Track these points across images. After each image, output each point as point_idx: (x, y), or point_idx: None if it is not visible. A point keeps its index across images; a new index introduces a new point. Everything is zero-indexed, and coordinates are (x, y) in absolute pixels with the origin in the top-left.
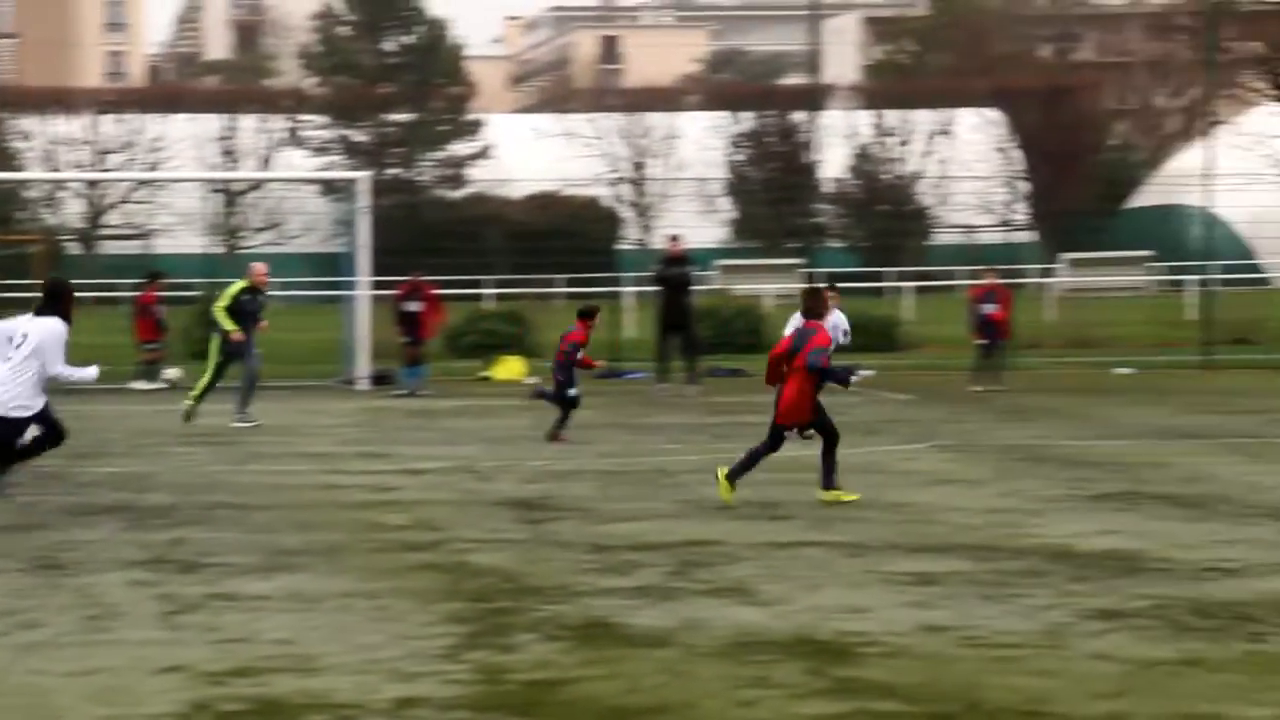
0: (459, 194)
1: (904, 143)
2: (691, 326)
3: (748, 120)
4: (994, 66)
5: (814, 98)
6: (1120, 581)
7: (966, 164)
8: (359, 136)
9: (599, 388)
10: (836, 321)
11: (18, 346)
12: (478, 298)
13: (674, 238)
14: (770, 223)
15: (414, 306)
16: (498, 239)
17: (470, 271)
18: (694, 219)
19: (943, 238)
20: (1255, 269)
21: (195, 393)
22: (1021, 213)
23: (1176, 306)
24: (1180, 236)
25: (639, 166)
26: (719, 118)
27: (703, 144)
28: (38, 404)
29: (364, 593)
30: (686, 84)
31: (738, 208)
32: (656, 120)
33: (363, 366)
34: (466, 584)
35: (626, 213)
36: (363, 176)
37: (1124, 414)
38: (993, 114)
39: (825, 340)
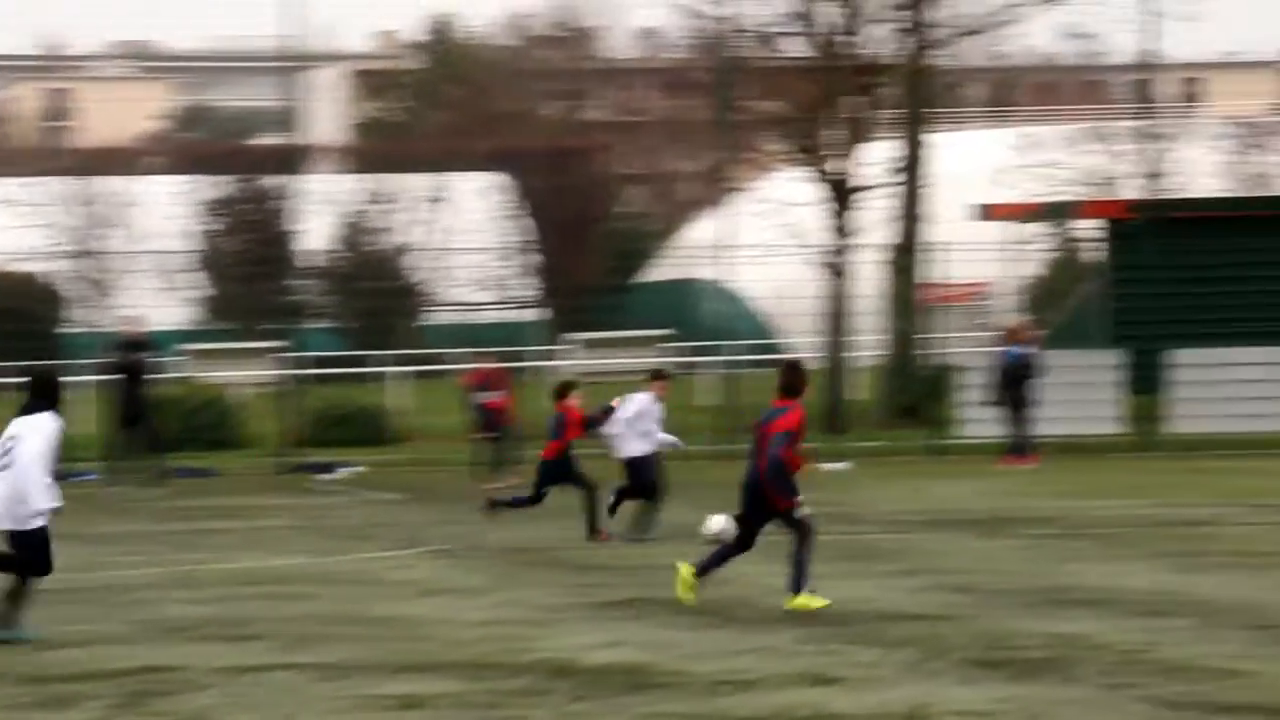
0: None
1: (396, 210)
2: (150, 419)
3: (220, 185)
4: (496, 126)
5: (294, 159)
6: (627, 699)
7: (467, 234)
8: None
9: None
10: (645, 409)
11: (7, 452)
12: None
13: (132, 319)
14: (245, 301)
15: None
16: None
17: None
18: (156, 297)
19: (440, 316)
20: (775, 349)
21: None
22: (528, 288)
23: (690, 390)
24: (697, 313)
25: (91, 237)
26: (186, 182)
27: (167, 212)
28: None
29: None
30: (148, 143)
31: (208, 284)
32: (113, 184)
33: None
34: None
35: (75, 290)
36: None
37: (635, 511)
38: (496, 178)
39: (794, 421)
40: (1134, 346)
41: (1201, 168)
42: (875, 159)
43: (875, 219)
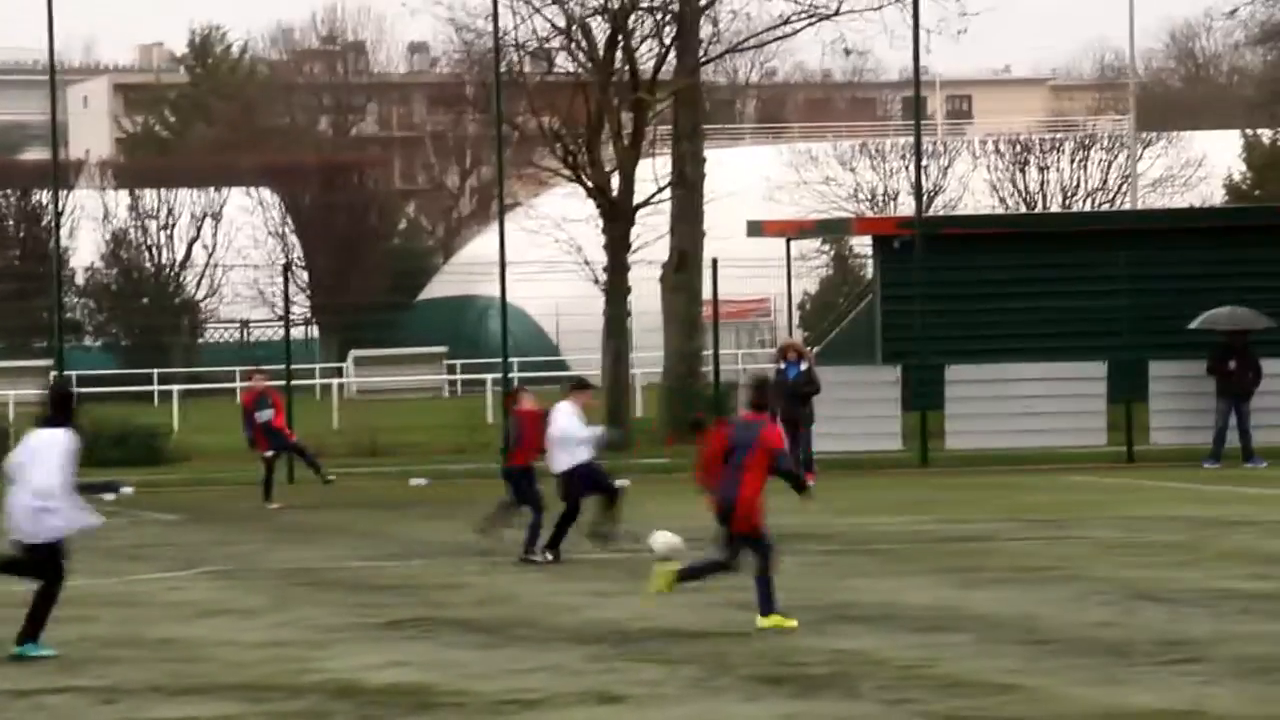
0: None
1: (167, 226)
2: None
3: None
4: (266, 141)
5: (59, 174)
6: (411, 719)
7: (240, 251)
8: None
9: None
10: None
11: (24, 466)
12: None
13: None
14: (11, 319)
15: None
16: None
17: None
18: None
19: (215, 334)
20: (560, 365)
21: None
22: (303, 305)
23: (475, 409)
24: (478, 330)
25: None
26: None
27: None
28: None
29: None
30: None
31: None
32: None
33: None
34: None
35: None
36: None
37: (418, 530)
38: (267, 194)
39: (779, 436)
40: (909, 363)
41: (972, 185)
42: (650, 175)
43: (651, 235)
